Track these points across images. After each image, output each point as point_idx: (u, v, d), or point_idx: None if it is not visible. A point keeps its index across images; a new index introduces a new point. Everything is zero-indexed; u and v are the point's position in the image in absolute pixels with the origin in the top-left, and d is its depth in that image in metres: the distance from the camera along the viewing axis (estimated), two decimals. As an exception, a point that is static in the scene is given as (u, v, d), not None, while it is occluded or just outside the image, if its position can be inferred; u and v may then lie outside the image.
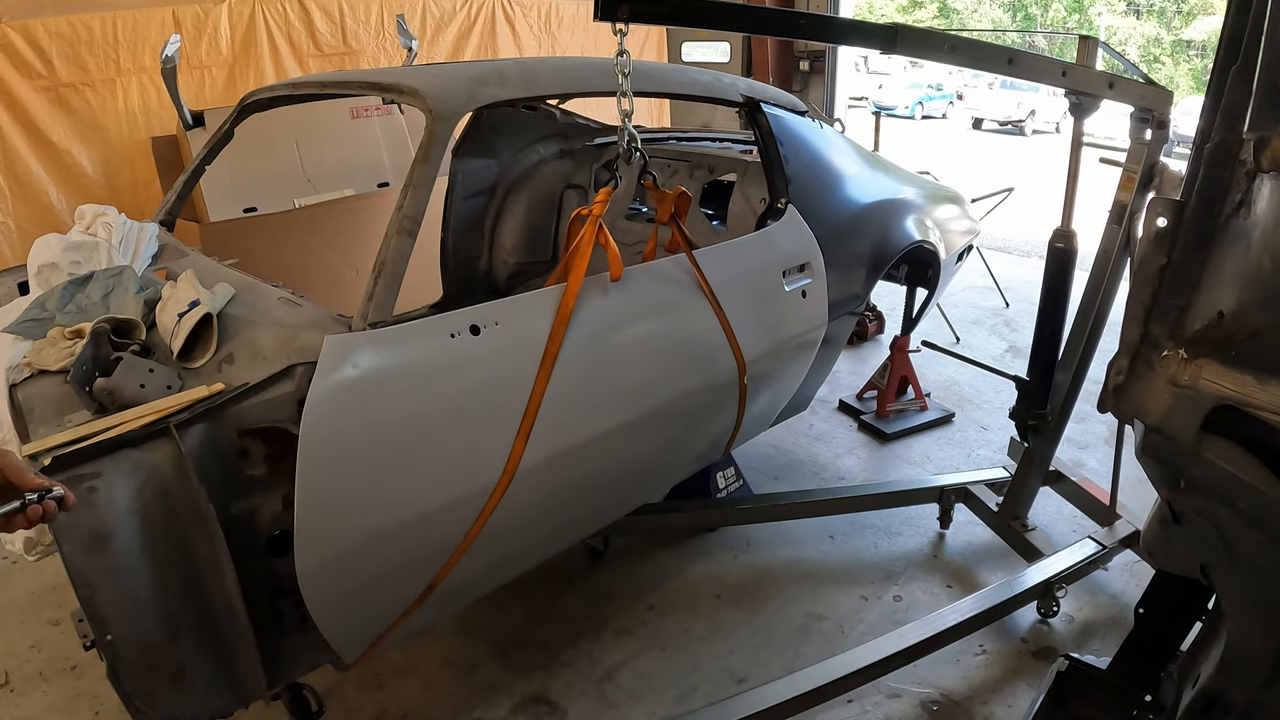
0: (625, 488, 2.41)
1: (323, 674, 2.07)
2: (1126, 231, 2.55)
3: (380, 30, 5.59)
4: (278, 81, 3.74)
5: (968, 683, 2.50)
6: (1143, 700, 1.99)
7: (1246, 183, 1.21)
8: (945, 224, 3.45)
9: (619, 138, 1.93)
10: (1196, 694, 1.63)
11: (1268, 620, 1.43)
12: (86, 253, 2.18)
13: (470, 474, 1.80)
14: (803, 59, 7.81)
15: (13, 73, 4.14)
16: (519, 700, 2.45)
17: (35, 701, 2.43)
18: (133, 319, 1.87)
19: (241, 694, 1.65)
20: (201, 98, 4.77)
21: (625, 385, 2.10)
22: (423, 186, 1.84)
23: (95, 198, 4.02)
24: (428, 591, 1.85)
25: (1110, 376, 1.35)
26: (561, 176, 3.83)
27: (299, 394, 1.60)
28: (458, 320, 1.81)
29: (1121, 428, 2.79)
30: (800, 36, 2.22)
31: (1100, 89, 2.34)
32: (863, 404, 4.29)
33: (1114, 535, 2.83)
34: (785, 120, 2.76)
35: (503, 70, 2.21)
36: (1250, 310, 1.15)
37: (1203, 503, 1.32)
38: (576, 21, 6.97)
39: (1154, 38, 27.98)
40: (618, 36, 1.74)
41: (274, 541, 1.72)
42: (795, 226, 2.62)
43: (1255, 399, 1.14)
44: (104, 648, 1.46)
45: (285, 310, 1.86)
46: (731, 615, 2.79)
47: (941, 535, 3.22)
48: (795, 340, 2.63)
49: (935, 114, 22.99)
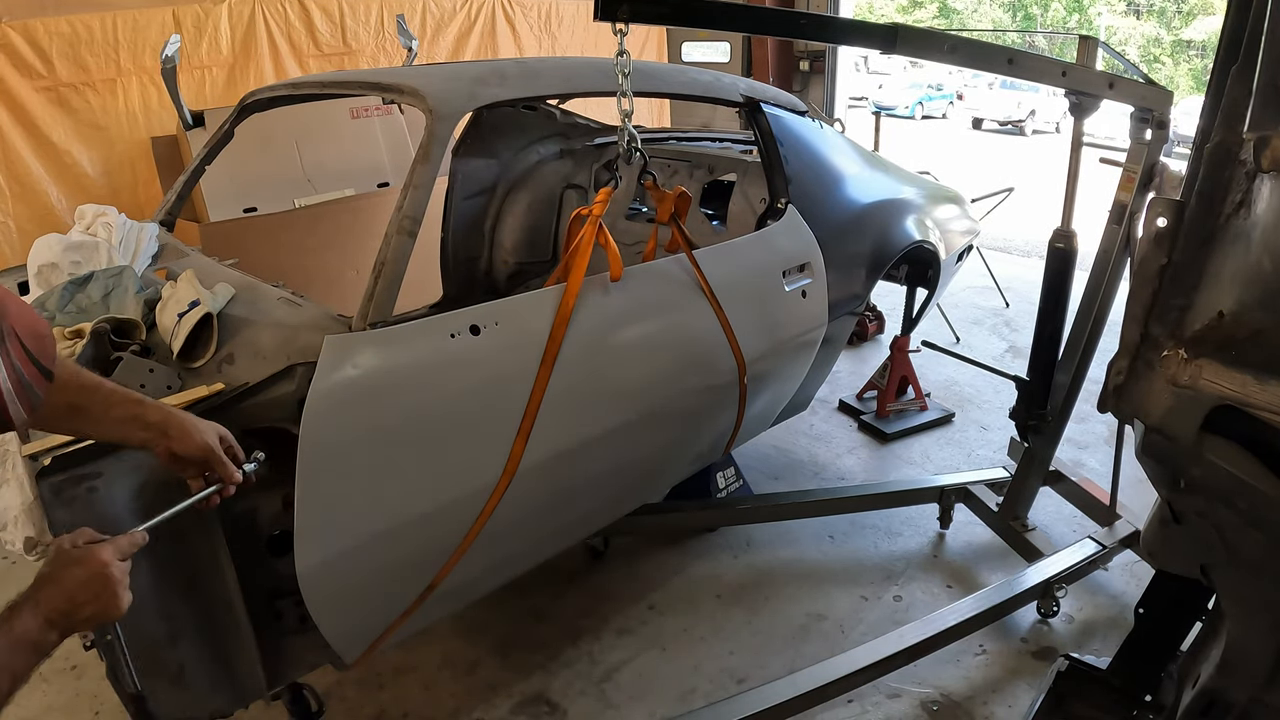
0: (625, 488, 2.41)
1: (323, 674, 2.07)
2: (1126, 231, 2.55)
3: (380, 30, 5.59)
4: (278, 81, 3.74)
5: (968, 683, 2.50)
6: (1143, 700, 1.99)
7: (1246, 183, 1.21)
8: (945, 224, 3.45)
9: (619, 138, 1.93)
10: (1196, 694, 1.63)
11: (1268, 620, 1.43)
12: (86, 253, 2.18)
13: (470, 474, 1.80)
14: (803, 59, 7.81)
15: (13, 73, 4.13)
16: (519, 700, 2.45)
17: (35, 701, 2.43)
18: (133, 319, 1.87)
19: (241, 694, 1.65)
20: (201, 98, 4.77)
21: (625, 385, 2.10)
22: (423, 186, 1.84)
23: (95, 198, 4.02)
24: (428, 591, 1.85)
25: (1110, 376, 1.35)
26: (561, 176, 3.83)
27: (299, 394, 1.60)
28: (458, 320, 1.81)
29: (1121, 428, 2.79)
30: (800, 36, 2.22)
31: (1100, 89, 2.34)
32: (863, 404, 4.29)
33: (1114, 535, 2.83)
34: (785, 120, 2.76)
35: (503, 70, 2.21)
36: (1250, 310, 1.15)
37: (1203, 503, 1.32)
38: (576, 21, 6.97)
39: (1154, 38, 27.98)
40: (618, 36, 1.74)
41: (274, 541, 1.72)
42: (795, 226, 2.62)
43: (1255, 399, 1.14)
44: (104, 648, 1.46)
45: (285, 310, 1.86)
46: (731, 615, 2.79)
47: (941, 535, 3.22)
48: (795, 340, 2.63)
49: (935, 114, 22.99)
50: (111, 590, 1.14)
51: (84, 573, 1.13)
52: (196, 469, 1.38)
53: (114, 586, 1.15)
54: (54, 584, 1.11)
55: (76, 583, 1.12)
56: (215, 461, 1.38)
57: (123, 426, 1.33)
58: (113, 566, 1.15)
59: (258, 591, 1.68)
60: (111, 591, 1.14)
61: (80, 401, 1.29)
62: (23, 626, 1.05)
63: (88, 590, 1.12)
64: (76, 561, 1.14)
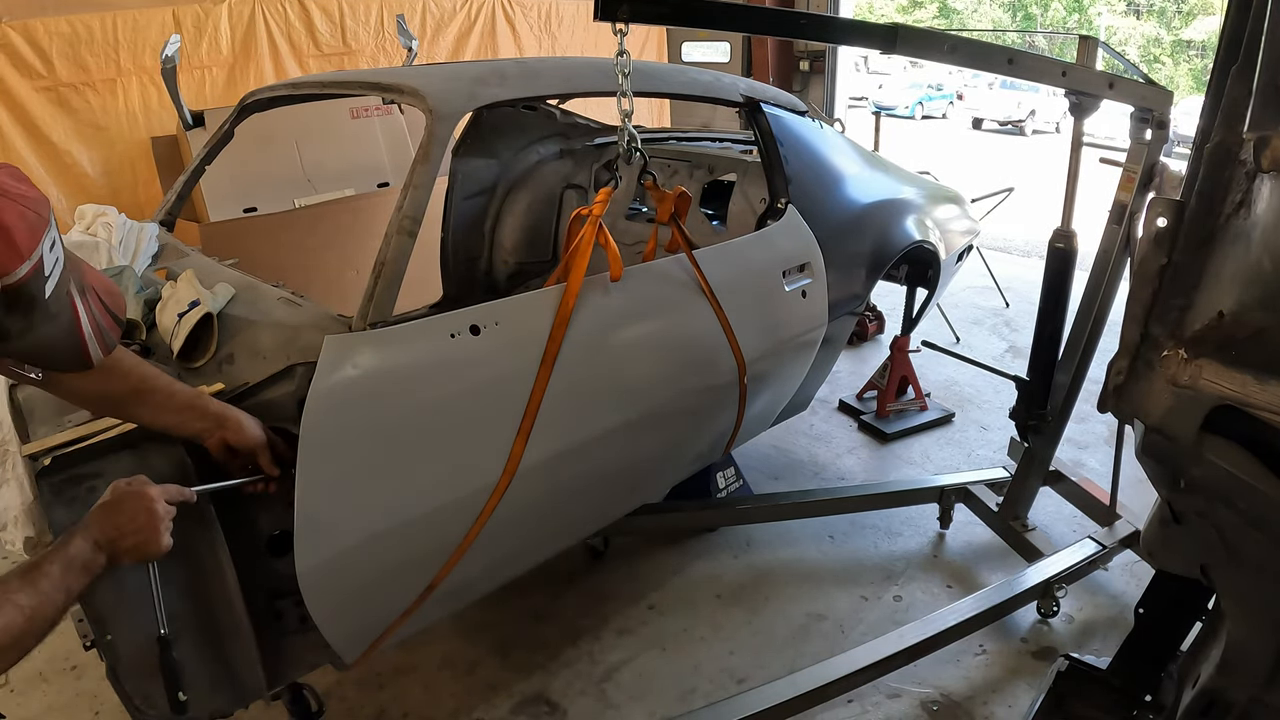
0: (625, 488, 2.41)
1: (323, 674, 2.07)
2: (1126, 231, 2.55)
3: (380, 30, 5.59)
4: (278, 81, 3.74)
5: (968, 683, 2.50)
6: (1143, 700, 1.99)
7: (1246, 183, 1.21)
8: (945, 224, 3.45)
9: (619, 138, 1.93)
10: (1196, 694, 1.63)
11: (1268, 620, 1.43)
12: (86, 253, 2.18)
13: (470, 474, 1.80)
14: (803, 59, 7.81)
15: (13, 73, 4.14)
16: (519, 700, 2.45)
17: (35, 701, 2.43)
18: (133, 319, 1.87)
19: (241, 694, 1.65)
20: (201, 98, 4.77)
21: (625, 385, 2.10)
22: (423, 186, 1.84)
23: (95, 198, 4.02)
24: (428, 591, 1.85)
25: (1110, 376, 1.35)
26: (561, 176, 3.83)
27: (299, 394, 1.60)
28: (458, 320, 1.81)
29: (1121, 428, 2.79)
30: (800, 36, 2.22)
31: (1100, 89, 2.34)
32: (863, 404, 4.29)
33: (1114, 535, 2.83)
34: (785, 120, 2.76)
35: (503, 70, 2.21)
36: (1250, 310, 1.15)
37: (1203, 503, 1.32)
38: (576, 21, 6.97)
39: (1154, 38, 27.98)
40: (618, 36, 1.74)
41: (274, 541, 1.72)
42: (795, 226, 2.62)
43: (1255, 399, 1.14)
44: (104, 648, 1.46)
45: (285, 310, 1.86)
46: (731, 615, 2.79)
47: (941, 535, 3.22)
48: (795, 340, 2.63)
49: (935, 114, 22.99)
50: (154, 525, 1.30)
51: (131, 504, 1.29)
52: (243, 460, 1.53)
53: (156, 522, 1.30)
54: (103, 510, 1.28)
55: (123, 511, 1.28)
56: (263, 454, 1.53)
57: (181, 415, 1.47)
58: (158, 504, 1.31)
59: (258, 591, 1.68)
60: (153, 526, 1.30)
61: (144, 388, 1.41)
62: (75, 548, 1.21)
63: (133, 521, 1.28)
64: (125, 494, 1.30)
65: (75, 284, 1.08)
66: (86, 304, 1.10)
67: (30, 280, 0.97)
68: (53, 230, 1.01)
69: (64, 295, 1.05)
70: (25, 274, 0.96)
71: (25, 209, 0.97)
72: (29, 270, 0.96)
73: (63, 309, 1.05)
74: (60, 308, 1.04)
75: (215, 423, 1.49)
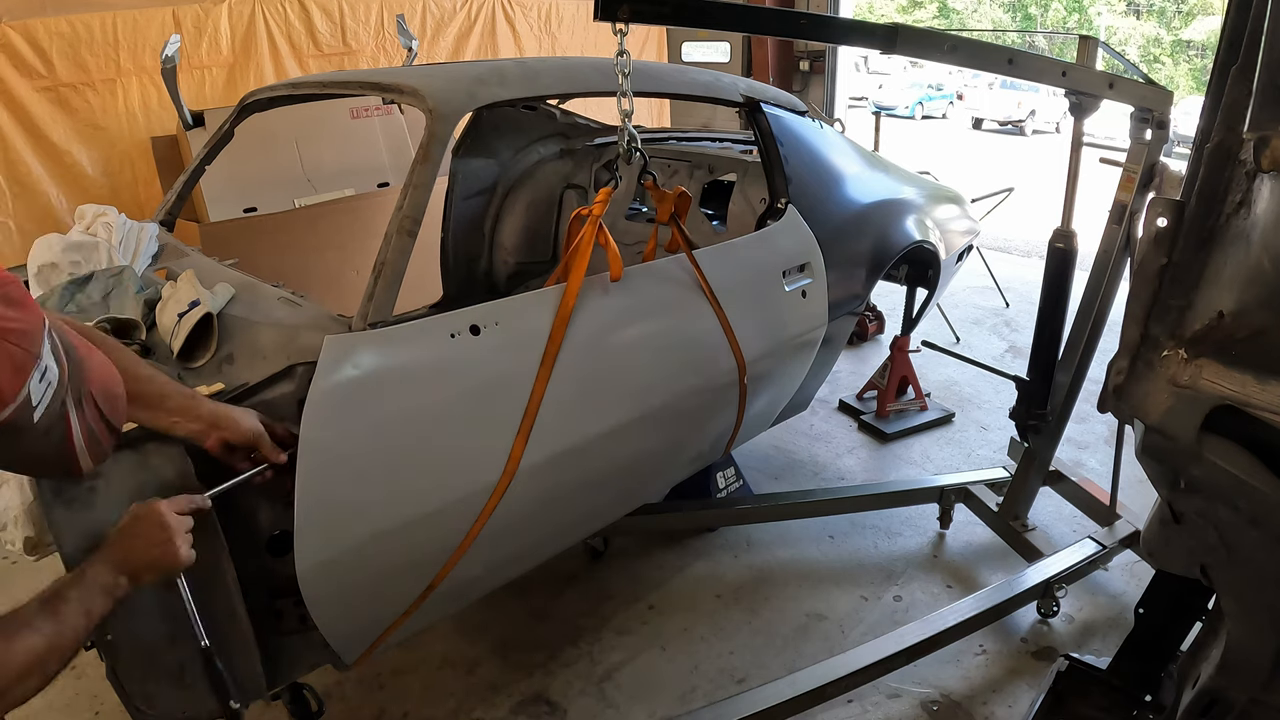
0: (625, 488, 2.41)
1: (323, 674, 2.07)
2: (1126, 231, 2.55)
3: (380, 30, 5.59)
4: (278, 81, 3.74)
5: (968, 683, 2.50)
6: (1143, 700, 1.99)
7: (1246, 183, 1.21)
8: (945, 224, 3.45)
9: (619, 138, 1.93)
10: (1196, 694, 1.63)
11: (1268, 620, 1.43)
12: (86, 253, 2.18)
13: (470, 474, 1.80)
14: (803, 59, 7.82)
15: (13, 73, 4.14)
16: (519, 700, 2.45)
17: (35, 701, 2.40)
18: (133, 319, 1.87)
19: (241, 694, 1.65)
20: (201, 98, 4.77)
21: (625, 385, 2.10)
22: (423, 186, 1.84)
23: (95, 198, 4.02)
24: (428, 591, 1.85)
25: (1110, 376, 1.35)
26: (561, 176, 3.83)
27: (299, 394, 1.60)
28: (458, 320, 1.81)
29: (1121, 428, 2.79)
30: (800, 36, 2.23)
31: (1100, 89, 2.34)
32: (863, 404, 4.29)
33: (1114, 535, 2.83)
34: (785, 120, 2.76)
35: (503, 70, 2.21)
36: (1250, 310, 1.15)
37: (1203, 503, 1.32)
38: (576, 21, 6.97)
39: (1154, 38, 27.99)
40: (618, 36, 1.74)
41: (274, 541, 1.72)
42: (795, 226, 2.62)
43: (1255, 399, 1.14)
44: (104, 648, 1.46)
45: (285, 310, 1.86)
46: (731, 615, 2.79)
47: (941, 535, 3.22)
48: (795, 340, 2.63)
49: (935, 114, 22.99)
50: (169, 539, 1.30)
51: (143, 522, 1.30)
52: (244, 454, 1.54)
53: (171, 535, 1.30)
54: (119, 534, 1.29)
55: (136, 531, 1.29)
56: (263, 443, 1.53)
57: (174, 417, 1.46)
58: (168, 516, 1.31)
59: (258, 591, 1.68)
60: (168, 539, 1.30)
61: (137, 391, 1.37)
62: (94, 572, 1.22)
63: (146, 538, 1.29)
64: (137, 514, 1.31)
65: (72, 396, 1.03)
66: (81, 416, 1.06)
67: (15, 418, 0.93)
68: (44, 358, 0.96)
69: (57, 411, 1.00)
70: (8, 416, 0.92)
71: (12, 346, 0.91)
72: (11, 413, 0.92)
73: (55, 424, 1.01)
74: (52, 423, 1.00)
75: (209, 424, 1.48)
